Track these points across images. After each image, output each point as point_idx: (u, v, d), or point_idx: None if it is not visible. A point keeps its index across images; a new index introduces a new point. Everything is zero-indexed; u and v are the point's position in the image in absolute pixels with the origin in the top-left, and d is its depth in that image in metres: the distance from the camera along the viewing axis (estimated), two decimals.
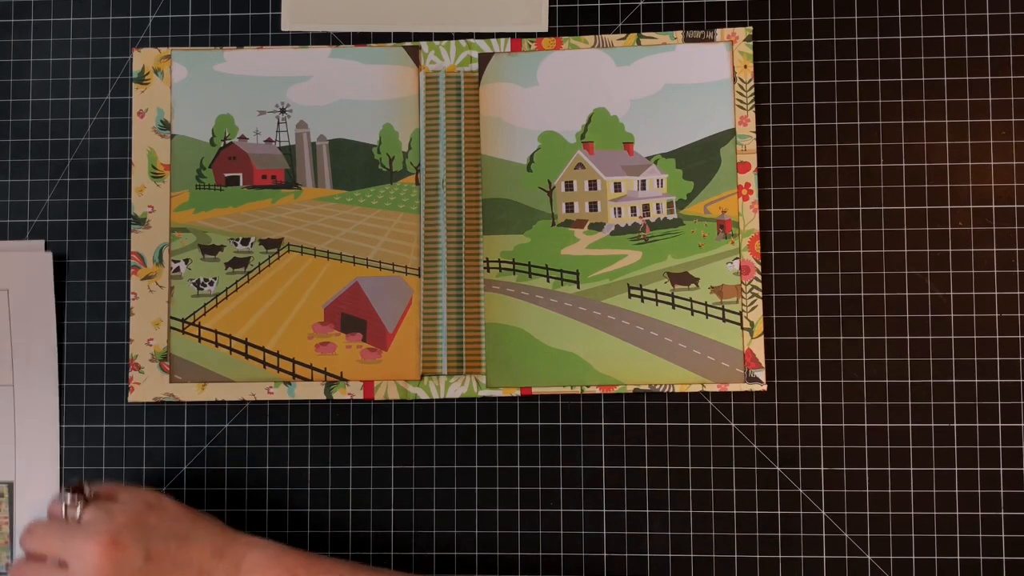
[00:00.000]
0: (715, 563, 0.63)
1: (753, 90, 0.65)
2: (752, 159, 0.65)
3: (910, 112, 0.65)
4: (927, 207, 0.65)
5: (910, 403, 0.64)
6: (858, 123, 0.65)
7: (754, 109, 0.65)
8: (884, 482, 0.63)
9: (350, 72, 0.67)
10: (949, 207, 0.65)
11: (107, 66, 0.68)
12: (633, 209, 0.66)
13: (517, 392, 0.65)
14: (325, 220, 0.67)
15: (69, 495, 0.57)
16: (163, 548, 0.56)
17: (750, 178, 0.65)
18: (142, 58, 0.68)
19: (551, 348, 0.65)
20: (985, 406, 0.63)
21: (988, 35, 0.65)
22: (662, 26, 0.66)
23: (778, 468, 0.64)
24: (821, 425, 0.64)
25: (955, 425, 0.63)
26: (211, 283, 0.66)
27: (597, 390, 0.64)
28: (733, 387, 0.64)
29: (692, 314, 0.64)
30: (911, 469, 0.63)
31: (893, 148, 0.65)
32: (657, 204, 0.65)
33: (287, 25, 0.68)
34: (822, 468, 0.64)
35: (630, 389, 0.64)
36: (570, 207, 0.66)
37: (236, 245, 0.67)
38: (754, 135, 0.65)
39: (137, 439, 0.66)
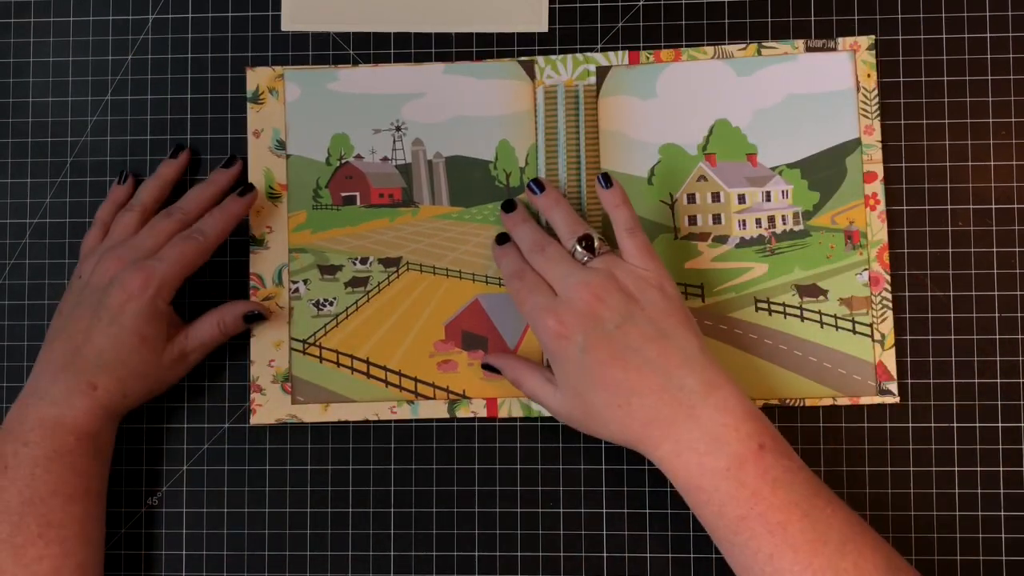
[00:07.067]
0: (715, 563, 0.63)
1: (877, 99, 0.64)
2: (878, 168, 0.64)
3: (910, 112, 0.64)
4: (927, 207, 0.64)
5: (910, 403, 0.63)
6: None
7: (879, 118, 0.64)
8: (884, 482, 0.63)
9: (464, 88, 0.67)
10: (949, 207, 0.64)
11: (107, 66, 0.68)
12: (758, 221, 0.65)
13: None
14: (443, 237, 0.66)
15: (578, 243, 0.59)
16: (639, 333, 0.55)
17: (876, 188, 0.64)
18: (256, 77, 0.67)
19: None
20: (985, 406, 0.63)
21: (988, 35, 0.65)
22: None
23: None
24: (821, 425, 0.63)
25: (955, 425, 0.63)
26: (331, 303, 0.66)
27: None
28: (865, 400, 0.63)
29: (821, 327, 0.64)
30: (911, 469, 0.63)
31: (893, 148, 0.64)
32: (783, 215, 0.65)
33: (287, 25, 0.67)
34: (822, 468, 0.63)
35: None
36: (692, 220, 0.65)
37: (355, 264, 0.66)
38: (879, 144, 0.64)
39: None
